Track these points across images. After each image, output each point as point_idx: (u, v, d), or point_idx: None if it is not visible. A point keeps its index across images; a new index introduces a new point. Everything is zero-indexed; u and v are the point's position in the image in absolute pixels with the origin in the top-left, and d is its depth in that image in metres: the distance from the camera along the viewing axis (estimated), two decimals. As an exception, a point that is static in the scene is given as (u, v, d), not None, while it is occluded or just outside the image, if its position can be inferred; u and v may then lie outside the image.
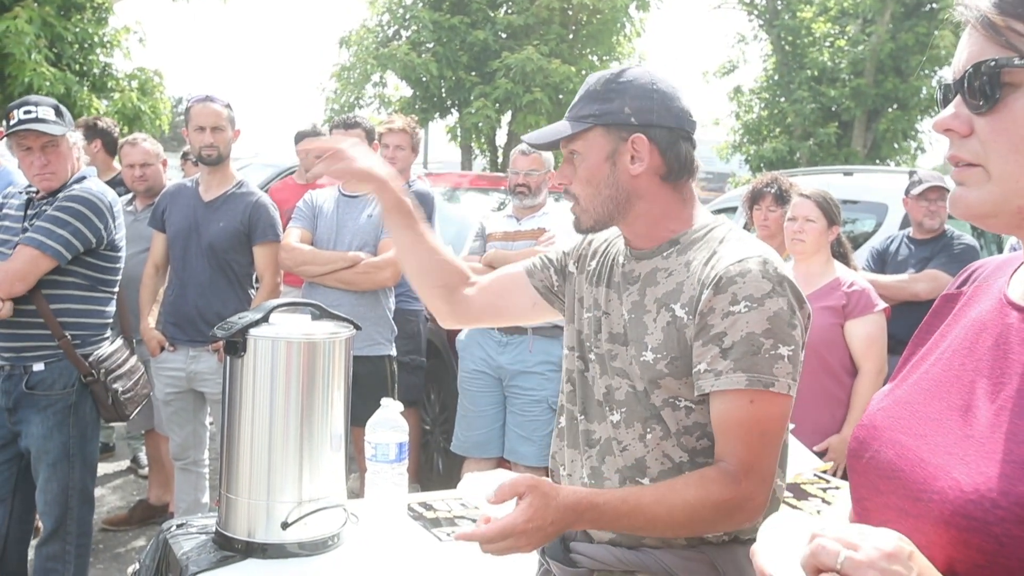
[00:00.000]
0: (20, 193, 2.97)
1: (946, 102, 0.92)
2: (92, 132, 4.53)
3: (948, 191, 3.90)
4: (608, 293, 1.59)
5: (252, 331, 1.89)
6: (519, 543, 1.35)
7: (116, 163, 4.65)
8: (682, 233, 1.53)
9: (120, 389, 2.89)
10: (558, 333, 3.88)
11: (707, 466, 1.45)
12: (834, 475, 3.02)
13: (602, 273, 1.63)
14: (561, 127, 1.53)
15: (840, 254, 3.39)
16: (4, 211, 2.95)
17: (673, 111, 1.52)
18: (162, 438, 4.11)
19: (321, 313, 2.08)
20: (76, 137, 2.91)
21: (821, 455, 3.08)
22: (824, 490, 2.52)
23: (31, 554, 3.08)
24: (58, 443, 2.84)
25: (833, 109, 15.74)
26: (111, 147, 4.61)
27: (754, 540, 1.50)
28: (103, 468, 4.93)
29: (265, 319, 1.93)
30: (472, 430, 3.91)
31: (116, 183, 4.36)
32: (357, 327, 2.05)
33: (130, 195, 4.25)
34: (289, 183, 5.14)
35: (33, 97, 2.94)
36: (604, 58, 11.81)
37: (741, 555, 1.47)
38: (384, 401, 2.05)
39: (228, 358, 1.92)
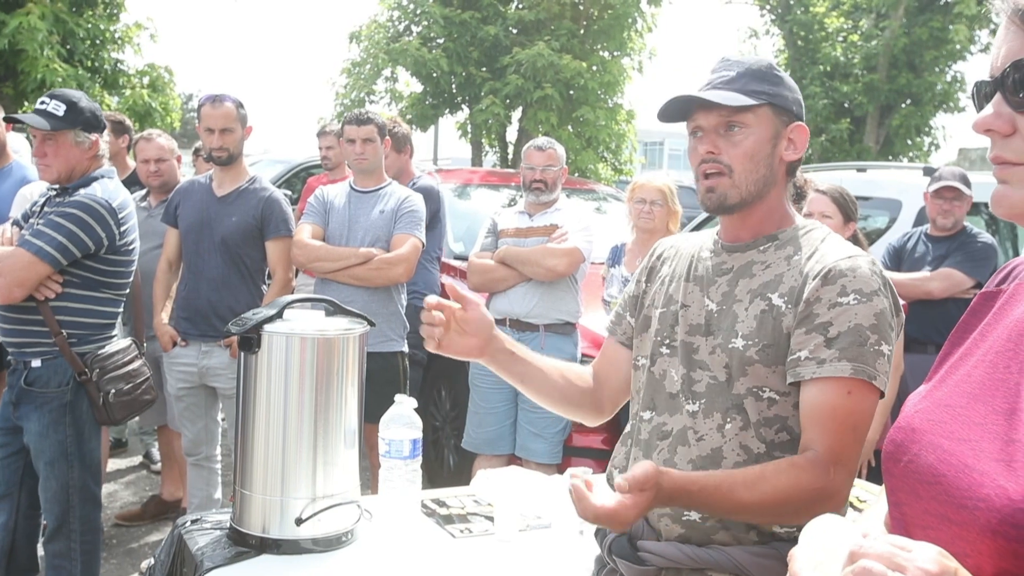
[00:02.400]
0: (49, 190, 2.99)
1: (981, 100, 0.89)
2: (121, 128, 4.56)
3: (964, 193, 3.91)
4: (688, 287, 1.60)
5: (267, 327, 1.89)
6: (612, 526, 1.35)
7: (130, 160, 4.67)
8: (781, 230, 1.55)
9: (113, 391, 2.85)
10: (570, 330, 3.87)
11: (792, 455, 1.44)
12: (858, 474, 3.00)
13: (678, 270, 1.64)
14: (737, 96, 1.50)
15: (856, 250, 3.36)
16: (33, 208, 2.97)
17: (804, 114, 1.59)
18: (174, 434, 4.11)
19: (335, 309, 2.07)
20: (85, 136, 2.87)
21: None
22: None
23: (41, 550, 3.09)
24: (54, 441, 2.83)
25: (845, 105, 15.66)
26: (130, 145, 4.64)
27: None
28: (115, 464, 4.95)
29: (279, 315, 1.92)
30: (483, 427, 3.90)
31: (131, 180, 4.37)
32: (371, 323, 2.05)
33: (144, 191, 4.25)
34: (322, 179, 5.17)
35: (58, 91, 2.94)
36: (615, 53, 11.73)
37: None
38: (398, 398, 2.04)
39: (242, 354, 1.91)
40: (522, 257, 3.81)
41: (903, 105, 15.70)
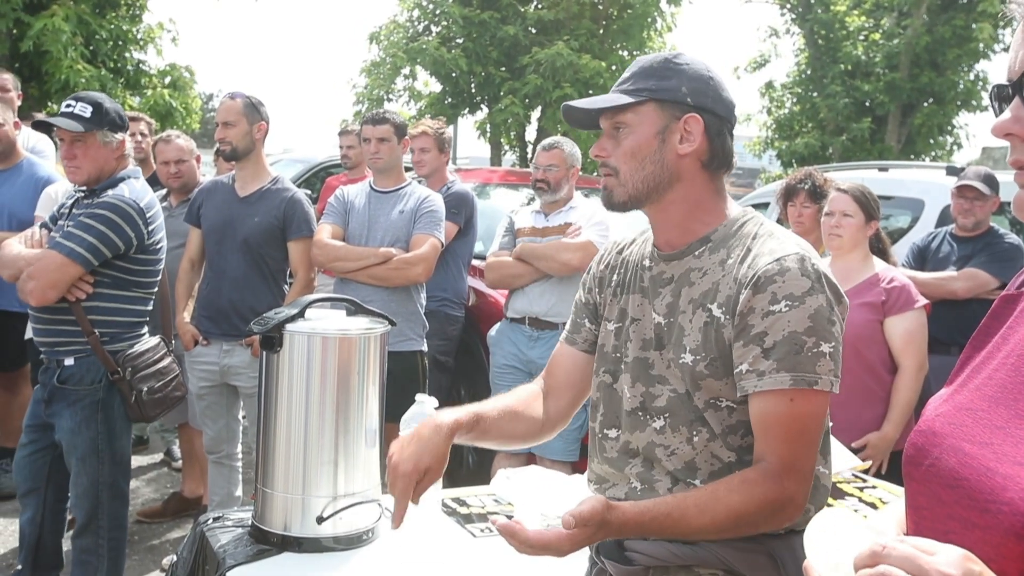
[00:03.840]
0: (76, 191, 3.02)
1: (1000, 103, 0.88)
2: (151, 129, 4.63)
3: (985, 193, 3.87)
4: (636, 299, 1.58)
5: (288, 326, 1.90)
6: (554, 555, 1.36)
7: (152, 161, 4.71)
8: (713, 230, 1.52)
9: (145, 389, 2.89)
10: None
11: (747, 467, 1.44)
12: (875, 474, 2.98)
13: (626, 281, 1.61)
14: (613, 97, 1.50)
15: (879, 250, 3.34)
16: (62, 210, 3.01)
17: (724, 101, 1.53)
18: (195, 432, 4.14)
19: (356, 309, 2.08)
20: (112, 136, 2.91)
21: (859, 452, 3.04)
22: (861, 489, 2.48)
23: (67, 544, 3.12)
24: (86, 438, 2.86)
25: (867, 104, 15.54)
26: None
27: None
28: (137, 461, 4.99)
29: (301, 314, 1.93)
30: None
31: (151, 181, 4.41)
32: (392, 323, 2.05)
33: (164, 191, 4.29)
34: (341, 178, 5.21)
35: (83, 93, 2.98)
36: (634, 53, 11.72)
37: (798, 545, 1.45)
38: (419, 397, 2.04)
39: (264, 353, 1.93)
40: (536, 253, 3.81)
41: (925, 104, 15.56)
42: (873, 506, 2.42)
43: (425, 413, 2.03)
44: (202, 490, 4.26)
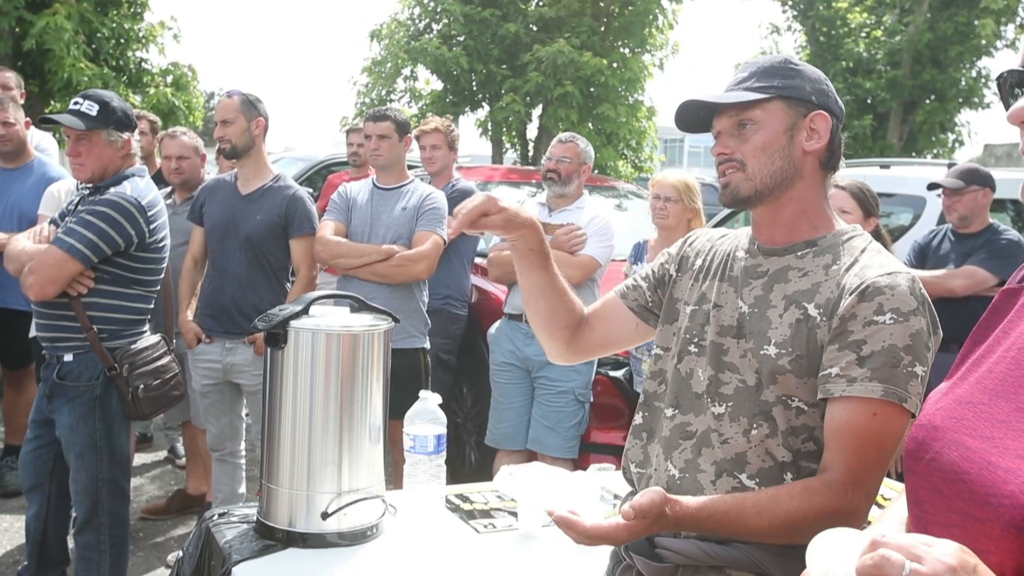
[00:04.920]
0: (81, 189, 3.04)
1: (1007, 91, 0.89)
2: (152, 128, 4.64)
3: (958, 188, 3.89)
4: (721, 286, 1.59)
5: (293, 323, 1.91)
6: (609, 544, 1.37)
7: (158, 158, 4.73)
8: (821, 236, 1.53)
9: (142, 387, 2.90)
10: None
11: (810, 472, 1.43)
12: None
13: (712, 268, 1.63)
14: (740, 93, 1.52)
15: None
16: (69, 207, 3.02)
17: (838, 102, 1.57)
18: (198, 430, 4.16)
19: (360, 306, 2.09)
20: (118, 135, 2.92)
21: None
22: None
23: (72, 541, 3.13)
24: (84, 435, 2.87)
25: (868, 101, 15.53)
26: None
27: None
28: (141, 458, 5.00)
29: (305, 311, 1.94)
30: (502, 422, 3.92)
31: (157, 178, 4.42)
32: (396, 319, 2.06)
33: (169, 188, 4.29)
34: (343, 176, 5.22)
35: (91, 91, 2.99)
36: (636, 50, 11.71)
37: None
38: (423, 393, 2.06)
39: (269, 350, 1.94)
40: None
41: (927, 101, 15.55)
42: (876, 504, 2.43)
43: (429, 410, 2.04)
44: (206, 487, 4.27)
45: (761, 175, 1.52)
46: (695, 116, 1.59)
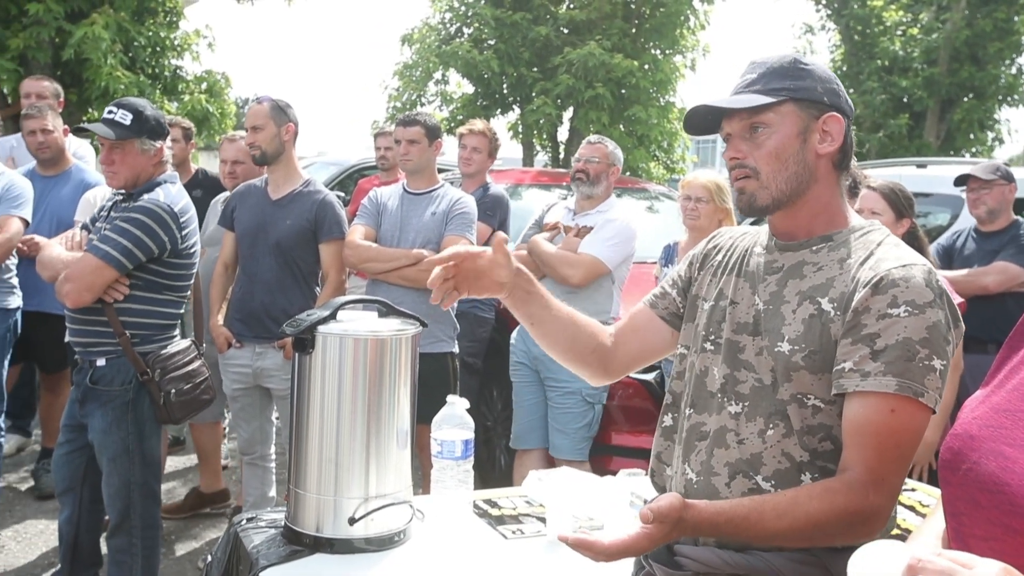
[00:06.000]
0: (114, 195, 3.07)
1: None
2: (188, 135, 4.69)
3: (988, 179, 3.83)
4: (738, 282, 1.57)
5: (320, 328, 1.91)
6: (632, 556, 1.35)
7: (193, 164, 4.78)
8: (836, 231, 1.51)
9: (174, 391, 2.92)
10: None
11: (829, 473, 1.40)
12: (919, 478, 2.93)
13: (730, 264, 1.61)
14: (751, 97, 1.49)
15: (915, 248, 3.28)
16: (101, 212, 3.06)
17: (848, 102, 1.54)
18: (204, 428, 4.21)
19: (388, 310, 2.08)
20: (151, 144, 2.94)
21: None
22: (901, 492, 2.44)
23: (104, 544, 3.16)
24: (117, 439, 2.90)
25: (904, 100, 15.30)
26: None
27: None
28: (173, 462, 5.05)
29: (333, 316, 1.94)
30: (518, 422, 3.93)
31: (192, 184, 4.46)
32: (423, 324, 2.06)
33: (226, 193, 4.27)
34: (373, 180, 5.24)
35: (125, 100, 3.03)
36: (667, 52, 11.63)
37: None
38: (450, 398, 2.05)
39: (296, 355, 1.94)
40: (543, 258, 3.80)
41: (965, 99, 15.28)
42: (912, 509, 2.37)
43: (456, 415, 2.03)
44: (219, 485, 4.32)
45: (776, 182, 1.49)
46: (704, 118, 1.56)
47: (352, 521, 1.89)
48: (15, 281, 3.94)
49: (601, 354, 1.74)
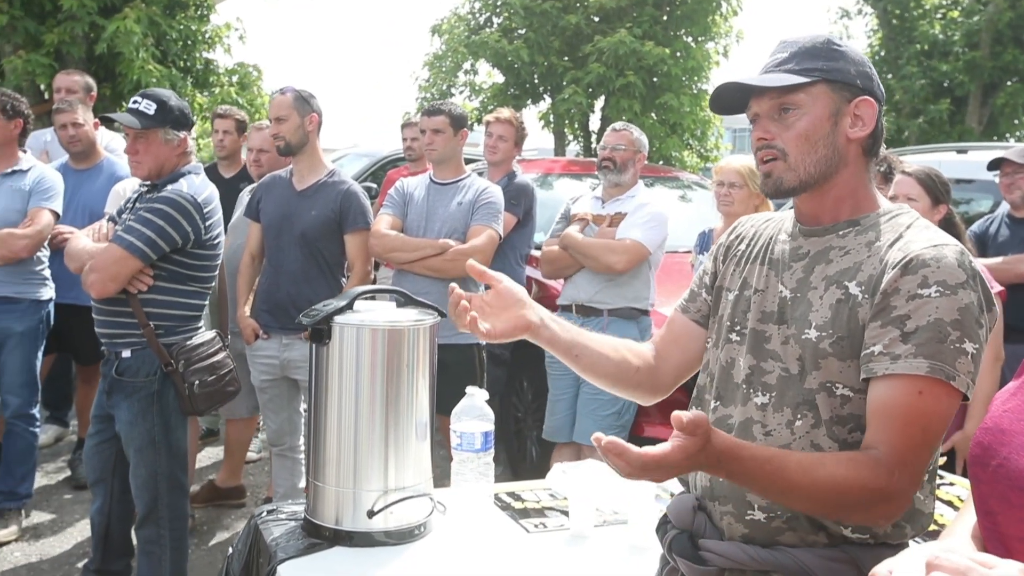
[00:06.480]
0: (140, 186, 3.09)
1: None
2: (242, 127, 4.70)
3: (1020, 163, 3.70)
4: (763, 271, 1.52)
5: (337, 318, 1.89)
6: (658, 476, 1.24)
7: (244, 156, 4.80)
8: (864, 215, 1.46)
9: (197, 382, 2.92)
10: (636, 315, 3.79)
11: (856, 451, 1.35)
12: (963, 473, 2.84)
13: (755, 252, 1.56)
14: (782, 76, 1.44)
15: (952, 236, 3.18)
16: (127, 204, 3.07)
17: (881, 87, 1.49)
18: (239, 424, 4.21)
19: (406, 300, 2.05)
20: (175, 134, 2.95)
21: (946, 455, 2.90)
22: (938, 487, 2.37)
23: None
24: (143, 430, 2.91)
25: (945, 84, 14.96)
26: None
27: (902, 545, 1.38)
28: (209, 453, 5.09)
29: (349, 306, 1.92)
30: (552, 415, 3.89)
31: (243, 176, 4.47)
32: (442, 314, 2.02)
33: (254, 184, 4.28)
34: (402, 171, 5.22)
35: (150, 90, 3.03)
36: (700, 38, 11.49)
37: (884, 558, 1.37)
38: (469, 390, 2.02)
39: (313, 345, 1.92)
40: (581, 249, 3.76)
41: (1008, 83, 14.89)
42: (951, 504, 2.30)
43: (476, 406, 2.00)
44: (234, 482, 4.33)
45: (804, 164, 1.44)
46: (731, 97, 1.50)
47: (371, 514, 1.87)
48: (47, 273, 3.98)
49: (648, 372, 1.68)
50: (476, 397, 2.00)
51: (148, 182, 2.99)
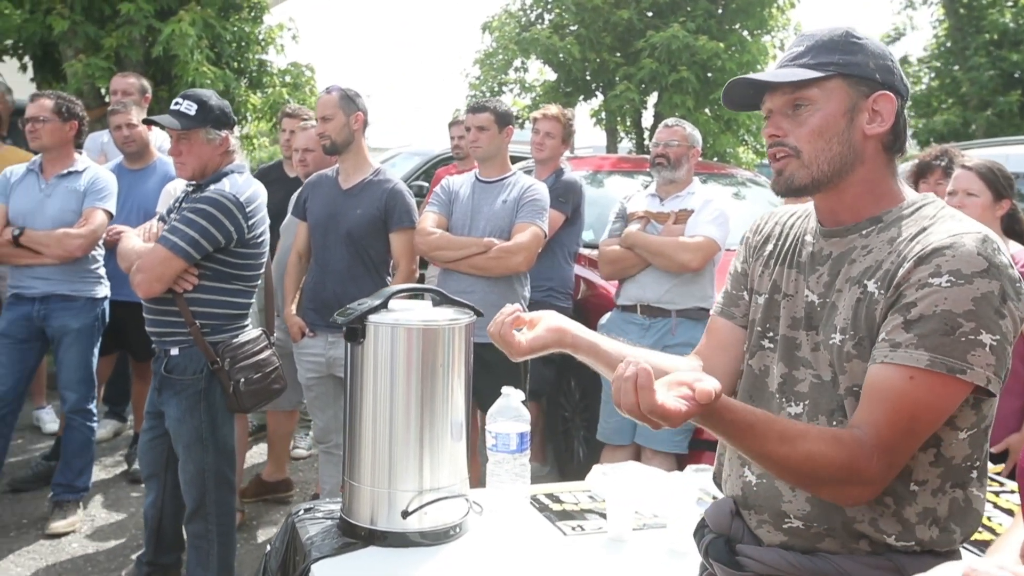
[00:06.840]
0: (187, 186, 3.13)
1: None
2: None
3: None
4: (791, 274, 1.47)
5: (371, 317, 1.88)
6: (654, 424, 1.22)
7: None
8: (886, 211, 1.40)
9: (243, 380, 2.95)
10: (704, 316, 3.71)
11: (842, 428, 1.31)
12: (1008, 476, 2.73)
13: (782, 254, 1.51)
14: (795, 71, 1.39)
15: (1015, 231, 3.05)
16: (175, 203, 3.13)
17: (903, 80, 1.42)
18: (280, 416, 4.22)
19: (442, 299, 2.03)
20: (216, 134, 2.97)
21: (1000, 457, 2.79)
22: (997, 494, 2.27)
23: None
24: (190, 427, 2.96)
25: (1016, 75, 14.44)
26: None
27: (952, 553, 1.32)
28: (261, 449, 5.15)
29: (384, 305, 1.91)
30: (611, 417, 3.82)
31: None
32: (479, 313, 2.00)
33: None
34: (451, 169, 5.23)
35: (191, 91, 3.08)
36: (755, 32, 11.28)
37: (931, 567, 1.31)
38: (505, 390, 1.99)
39: (348, 345, 1.91)
40: (652, 248, 3.71)
41: (1083, 72, 14.33)
42: (1010, 512, 2.21)
43: (512, 407, 1.97)
44: (281, 475, 4.36)
45: (818, 162, 1.38)
46: (744, 93, 1.44)
47: (405, 514, 1.85)
48: (102, 271, 4.07)
49: None
50: (512, 397, 1.98)
51: (193, 182, 3.03)
